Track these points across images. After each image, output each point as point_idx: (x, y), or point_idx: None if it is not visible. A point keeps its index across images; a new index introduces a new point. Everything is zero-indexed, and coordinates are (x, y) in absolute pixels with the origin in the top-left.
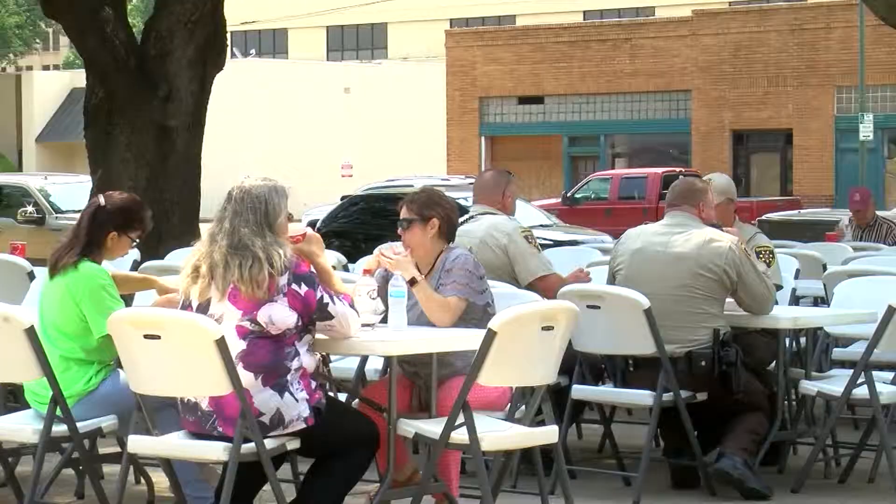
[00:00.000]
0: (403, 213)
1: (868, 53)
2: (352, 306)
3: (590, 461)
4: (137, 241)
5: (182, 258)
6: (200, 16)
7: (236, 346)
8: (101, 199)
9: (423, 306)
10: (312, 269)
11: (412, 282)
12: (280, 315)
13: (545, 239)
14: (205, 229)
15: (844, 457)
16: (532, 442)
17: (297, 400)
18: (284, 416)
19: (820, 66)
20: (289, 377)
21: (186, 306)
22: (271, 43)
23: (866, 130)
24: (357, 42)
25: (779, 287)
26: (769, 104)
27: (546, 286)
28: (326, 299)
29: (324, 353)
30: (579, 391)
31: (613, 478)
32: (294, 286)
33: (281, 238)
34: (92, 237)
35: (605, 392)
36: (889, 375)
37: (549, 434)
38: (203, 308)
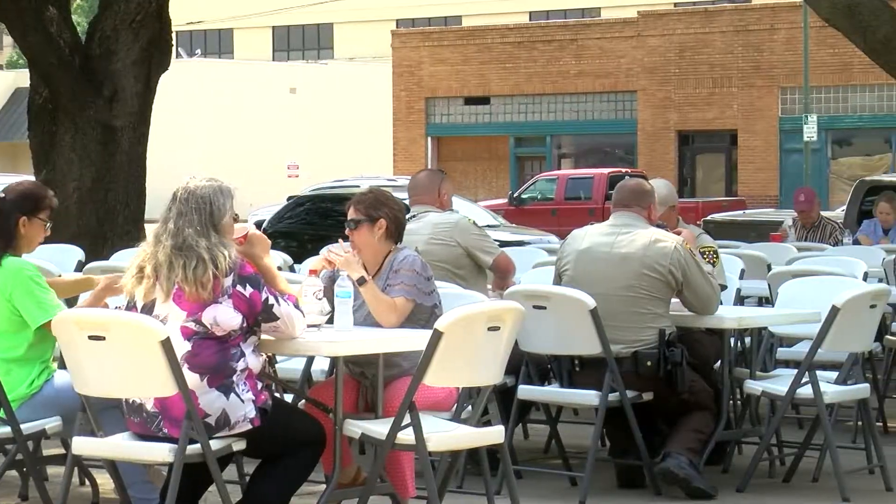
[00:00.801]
0: (351, 214)
1: (812, 55)
2: (297, 307)
3: (536, 461)
4: (49, 222)
5: (127, 258)
6: (145, 16)
7: (181, 347)
8: (2, 193)
9: (370, 307)
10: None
11: (360, 281)
12: (225, 316)
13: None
14: (150, 230)
15: (789, 456)
16: (478, 442)
17: (242, 401)
18: (230, 416)
19: (764, 67)
20: (234, 378)
21: (131, 307)
22: (217, 43)
23: (810, 131)
24: (303, 42)
25: (723, 287)
26: (714, 105)
27: (503, 264)
28: (271, 300)
29: (270, 354)
30: (525, 391)
31: (560, 478)
32: (239, 287)
33: (226, 239)
34: (3, 230)
35: (552, 392)
36: (833, 375)
37: (495, 434)
38: (148, 309)
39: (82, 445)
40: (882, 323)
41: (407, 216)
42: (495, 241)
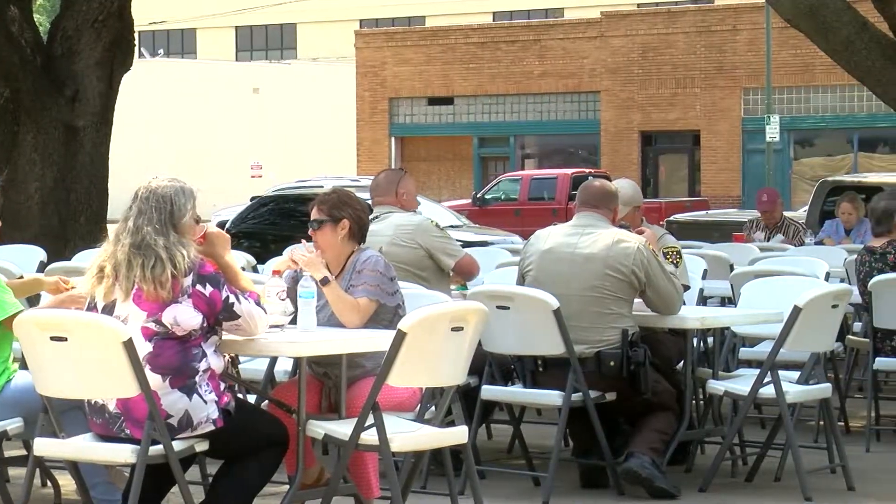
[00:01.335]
0: (314, 215)
1: (775, 55)
2: (258, 304)
3: (499, 461)
4: None
5: (89, 259)
6: (108, 15)
7: (143, 347)
8: None
9: (333, 307)
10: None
11: (323, 282)
12: (185, 316)
13: (457, 240)
14: (112, 230)
15: (751, 456)
16: (442, 442)
17: (205, 402)
18: (193, 417)
19: (727, 67)
20: (197, 379)
21: (92, 307)
22: (180, 43)
23: (773, 132)
24: (266, 42)
25: (686, 287)
26: (677, 105)
27: (466, 267)
28: (232, 299)
29: (232, 355)
30: (489, 392)
31: (523, 478)
32: (199, 287)
33: (186, 238)
34: None
35: (515, 392)
36: (795, 375)
37: (458, 434)
38: (108, 309)
39: (44, 447)
40: (843, 323)
41: (370, 217)
42: (459, 241)
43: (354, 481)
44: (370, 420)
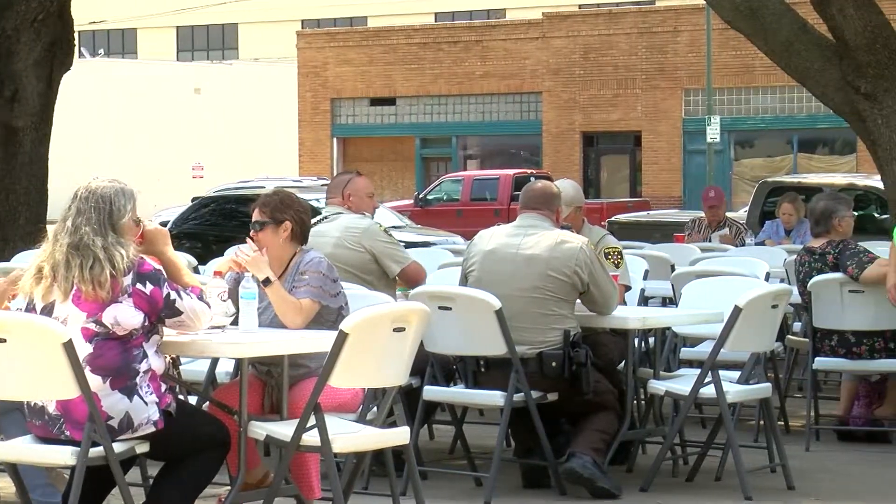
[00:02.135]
0: (256, 216)
1: (715, 56)
2: (201, 299)
3: (441, 462)
4: None
5: (28, 260)
6: (47, 15)
7: (83, 348)
8: None
9: (276, 308)
10: (157, 267)
11: (266, 282)
12: (125, 315)
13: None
14: (52, 230)
15: (692, 455)
16: (383, 443)
17: (146, 403)
18: (133, 419)
19: (668, 68)
20: (137, 380)
21: (31, 308)
22: (120, 43)
23: (713, 132)
24: (207, 42)
25: (628, 288)
26: (619, 106)
27: (412, 274)
28: (174, 296)
29: (174, 356)
30: (431, 392)
31: (465, 478)
32: (139, 286)
33: (124, 239)
34: None
35: (457, 393)
36: (735, 375)
37: (400, 435)
38: (48, 310)
39: None
40: (783, 323)
41: (317, 217)
42: (401, 241)
43: (296, 482)
44: (312, 421)
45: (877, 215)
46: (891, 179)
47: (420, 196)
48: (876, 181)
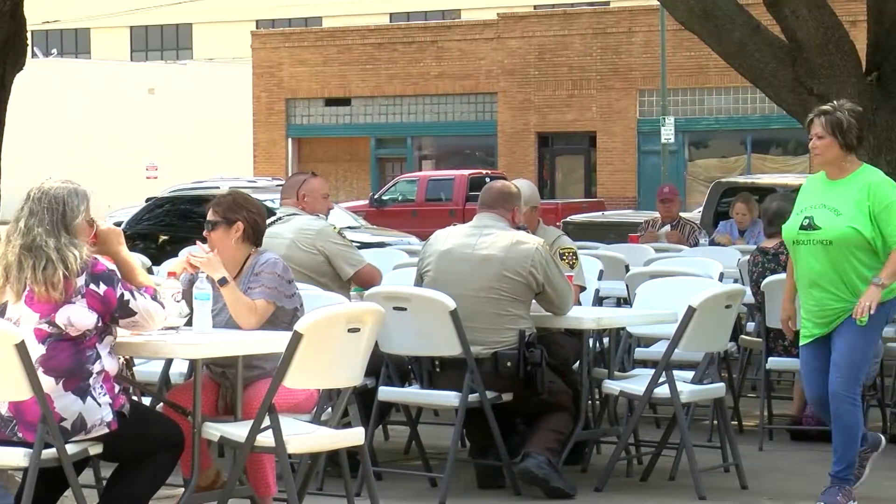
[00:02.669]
0: (209, 216)
1: (669, 57)
2: (155, 299)
3: (396, 462)
4: None
5: None
6: None
7: (36, 350)
8: None
9: (231, 308)
10: (111, 268)
11: (221, 282)
12: (79, 316)
13: (353, 241)
14: (4, 231)
15: (646, 455)
16: (338, 444)
17: (99, 404)
18: (87, 420)
19: (623, 69)
20: (91, 381)
21: None
22: (73, 43)
23: (668, 133)
24: (161, 42)
25: (582, 288)
26: (573, 107)
27: (371, 276)
28: (127, 296)
29: (127, 357)
30: (386, 393)
31: (420, 479)
32: (92, 286)
33: (78, 239)
34: None
35: (412, 393)
36: (689, 374)
37: (355, 436)
38: (0, 311)
39: None
40: (737, 323)
41: (273, 217)
42: (356, 242)
43: (251, 479)
44: (266, 422)
45: None
46: None
47: (375, 196)
48: None
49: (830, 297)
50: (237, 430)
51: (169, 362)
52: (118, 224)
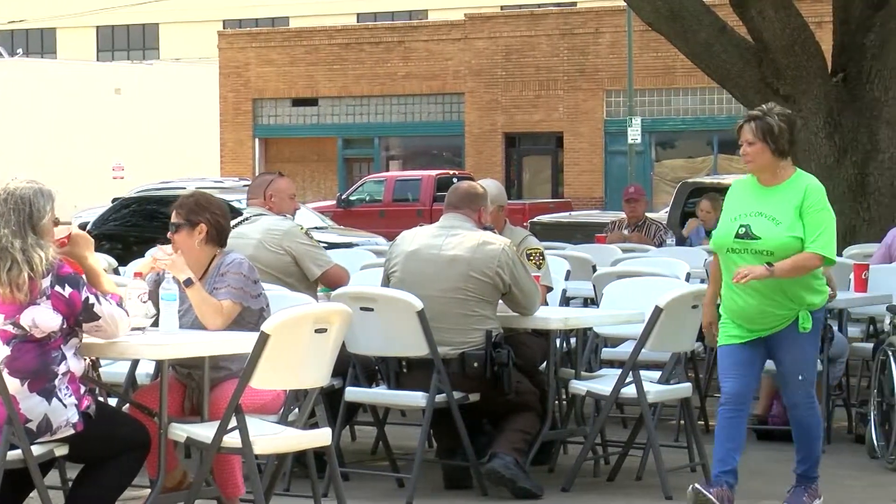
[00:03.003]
0: (172, 218)
1: (636, 58)
2: (120, 306)
3: (363, 463)
4: None
5: None
6: None
7: (0, 351)
8: None
9: (197, 309)
10: (77, 271)
11: (187, 283)
12: (44, 318)
13: (320, 241)
14: None
15: (613, 455)
16: (305, 445)
17: (65, 405)
18: (52, 421)
19: (589, 70)
20: (56, 382)
21: None
22: (39, 42)
23: (634, 133)
24: (128, 42)
25: (549, 289)
26: (540, 107)
27: (338, 277)
28: (92, 300)
29: (93, 358)
30: (353, 393)
31: (387, 479)
32: (57, 288)
33: (44, 240)
34: None
35: (379, 394)
36: (656, 375)
37: (322, 436)
38: None
39: None
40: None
41: (239, 218)
42: (323, 243)
43: (219, 480)
44: (233, 423)
45: None
46: None
47: (342, 197)
48: None
49: (771, 305)
50: (204, 431)
51: (135, 363)
52: (84, 224)
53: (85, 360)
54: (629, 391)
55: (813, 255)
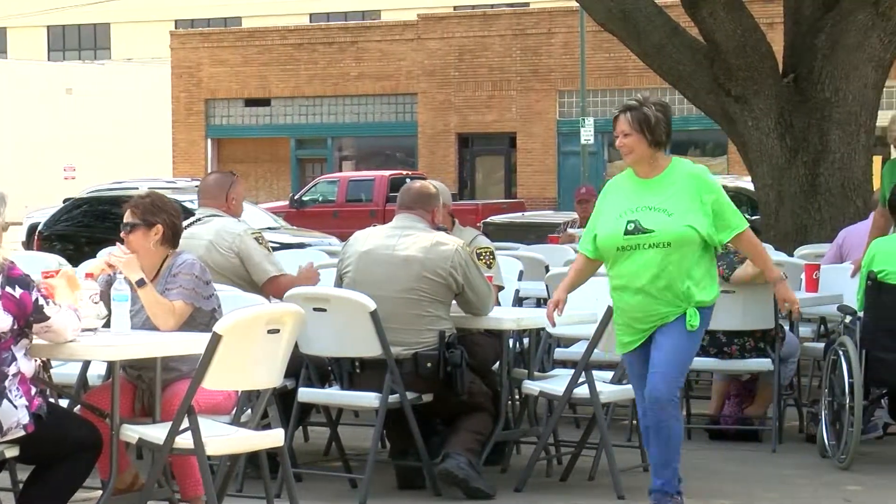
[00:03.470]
0: (127, 218)
1: (589, 59)
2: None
3: (316, 464)
4: None
5: None
6: None
7: None
8: None
9: (148, 310)
10: (26, 273)
11: (139, 283)
12: None
13: (273, 242)
14: None
15: (566, 455)
16: (258, 445)
17: (15, 407)
18: (2, 423)
19: (542, 70)
20: (6, 383)
21: None
22: None
23: (587, 134)
24: (79, 42)
25: (501, 288)
26: (493, 108)
27: (278, 287)
28: (42, 301)
29: (44, 359)
30: (306, 394)
31: (340, 480)
32: (8, 289)
33: None
34: None
35: (332, 394)
36: (609, 375)
37: (274, 437)
38: None
39: None
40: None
41: (190, 219)
42: (276, 243)
43: (180, 481)
44: (185, 423)
45: (747, 216)
46: (760, 181)
47: (295, 197)
48: (746, 182)
49: (657, 302)
50: (156, 432)
51: (86, 364)
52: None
53: (35, 361)
54: (582, 391)
55: (749, 232)
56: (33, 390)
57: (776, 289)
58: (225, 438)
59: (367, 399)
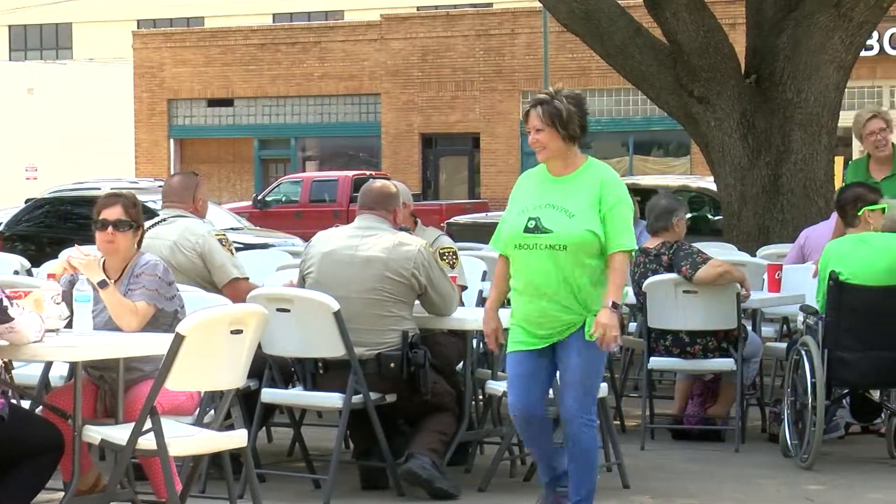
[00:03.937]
0: (117, 214)
1: (552, 59)
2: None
3: (280, 464)
4: None
5: None
6: None
7: None
8: None
9: (111, 311)
10: None
11: (101, 285)
12: None
13: (236, 242)
14: None
15: (529, 455)
16: (221, 446)
17: None
18: None
19: (506, 71)
20: None
21: None
22: None
23: None
24: (41, 41)
25: (464, 288)
26: (457, 108)
27: (237, 291)
28: (6, 302)
29: (6, 360)
30: (269, 394)
31: (303, 481)
32: None
33: None
34: None
35: (295, 395)
36: None
37: (238, 438)
38: None
39: None
40: (619, 323)
41: (154, 220)
42: (239, 243)
43: (153, 481)
44: (148, 424)
45: (710, 216)
46: (723, 181)
47: (258, 198)
48: (709, 183)
49: (558, 309)
50: (118, 433)
51: (48, 365)
52: None
53: None
54: None
55: (623, 255)
56: None
57: (598, 314)
58: (188, 439)
59: (331, 399)
